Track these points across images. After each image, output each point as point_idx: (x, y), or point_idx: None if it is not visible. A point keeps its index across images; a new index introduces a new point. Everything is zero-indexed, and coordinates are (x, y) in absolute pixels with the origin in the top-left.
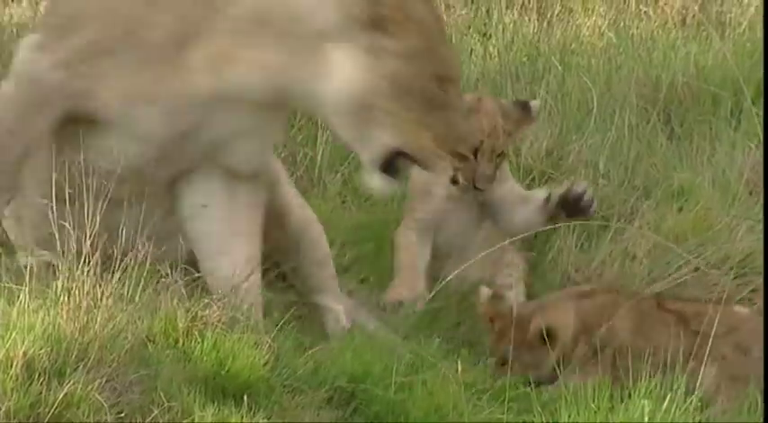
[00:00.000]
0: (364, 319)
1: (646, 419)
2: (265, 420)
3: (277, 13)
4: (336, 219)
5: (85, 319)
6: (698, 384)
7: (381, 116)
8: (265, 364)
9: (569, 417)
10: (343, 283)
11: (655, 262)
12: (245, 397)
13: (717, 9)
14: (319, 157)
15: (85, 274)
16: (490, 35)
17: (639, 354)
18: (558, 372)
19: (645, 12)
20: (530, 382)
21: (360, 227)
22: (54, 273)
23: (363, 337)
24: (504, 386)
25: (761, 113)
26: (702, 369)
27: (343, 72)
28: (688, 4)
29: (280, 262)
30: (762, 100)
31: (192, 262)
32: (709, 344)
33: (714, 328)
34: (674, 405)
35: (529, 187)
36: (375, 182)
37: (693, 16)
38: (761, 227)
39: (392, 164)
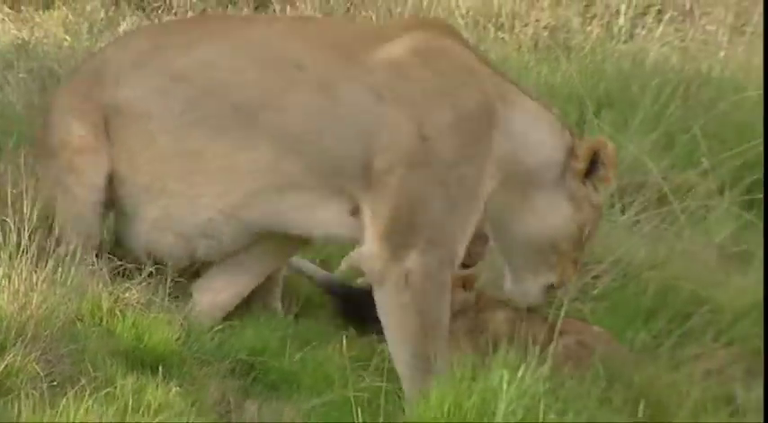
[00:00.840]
0: None
1: (504, 387)
2: (177, 388)
3: (515, 160)
4: None
5: (23, 300)
6: (547, 359)
7: (554, 257)
8: (177, 339)
9: (437, 384)
10: None
11: None
12: (161, 367)
13: (564, 35)
14: None
15: (23, 262)
16: None
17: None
18: None
19: (502, 37)
20: None
21: None
22: None
23: (263, 317)
24: (384, 358)
25: (602, 125)
26: (551, 347)
27: (546, 216)
28: (539, 32)
29: None
30: (598, 113)
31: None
32: (558, 331)
33: (566, 327)
34: (528, 372)
35: None
36: (533, 300)
37: (544, 42)
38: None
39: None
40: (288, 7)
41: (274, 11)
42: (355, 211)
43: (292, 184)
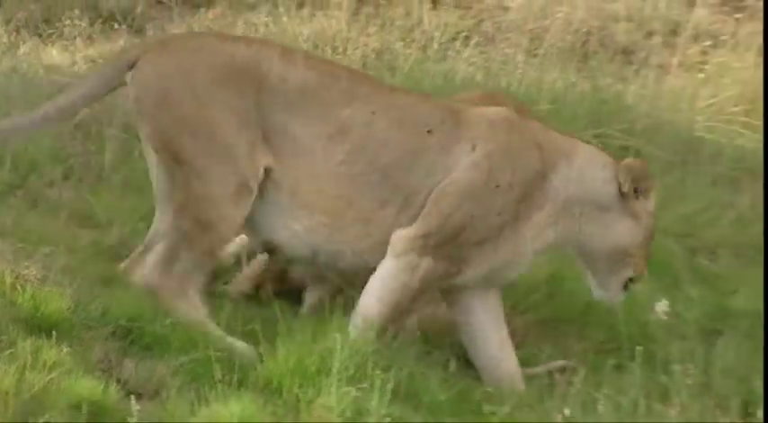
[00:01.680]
0: None
1: (339, 347)
2: (68, 349)
3: (581, 197)
4: (121, 206)
5: None
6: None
7: (628, 258)
8: (68, 308)
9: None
10: None
11: None
12: (54, 332)
13: (388, 57)
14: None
15: None
16: None
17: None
18: None
19: (337, 57)
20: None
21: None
22: None
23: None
24: (244, 323)
25: None
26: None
27: (615, 232)
28: (368, 53)
29: None
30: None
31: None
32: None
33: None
34: None
35: None
36: (617, 298)
37: (372, 62)
38: None
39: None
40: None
41: None
42: None
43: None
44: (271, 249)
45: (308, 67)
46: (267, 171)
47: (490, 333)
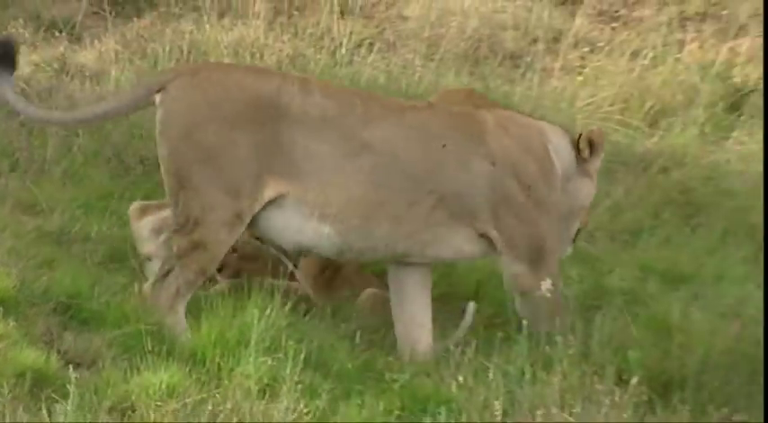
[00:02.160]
0: None
1: (256, 322)
2: (14, 323)
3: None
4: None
5: None
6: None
7: (582, 213)
8: (14, 287)
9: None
10: None
11: None
12: (1, 308)
13: (301, 61)
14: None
15: None
16: None
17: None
18: None
19: (255, 63)
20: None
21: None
22: None
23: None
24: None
25: None
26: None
27: (577, 192)
28: (282, 59)
29: None
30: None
31: None
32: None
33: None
34: (274, 311)
35: None
36: (569, 251)
37: (286, 66)
38: None
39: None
40: None
41: None
42: (482, 235)
43: (437, 224)
44: (299, 250)
45: (325, 96)
46: (281, 196)
47: (416, 301)
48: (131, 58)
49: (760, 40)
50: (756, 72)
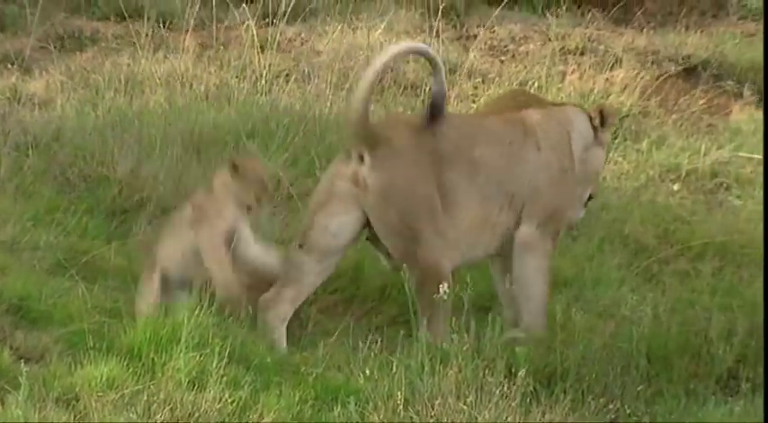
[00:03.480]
0: None
1: (186, 321)
2: None
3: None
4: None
5: None
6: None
7: (595, 179)
8: None
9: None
10: None
11: None
12: None
13: (226, 90)
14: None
15: None
16: None
17: None
18: None
19: (186, 92)
20: None
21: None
22: None
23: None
24: (115, 301)
25: (251, 149)
26: None
27: (593, 160)
28: (209, 87)
29: None
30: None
31: None
32: None
33: None
34: (202, 312)
35: None
36: (581, 215)
37: (213, 93)
38: None
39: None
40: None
41: None
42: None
43: (509, 221)
44: None
45: (451, 128)
46: None
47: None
48: (75, 88)
49: (633, 72)
50: (630, 100)
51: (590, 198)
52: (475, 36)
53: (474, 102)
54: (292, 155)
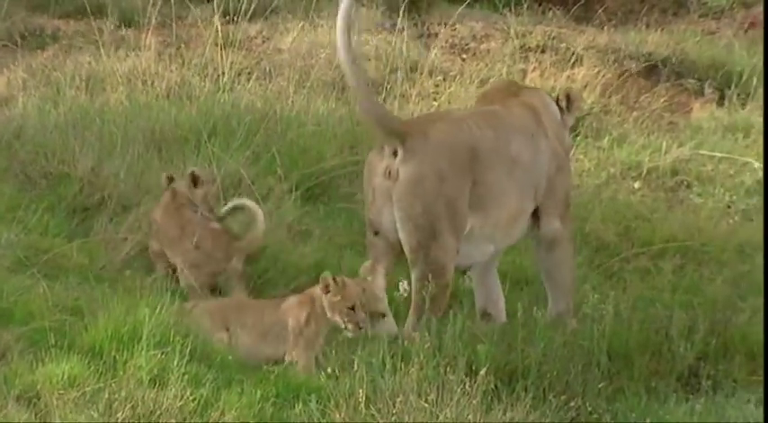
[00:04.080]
0: None
1: (147, 319)
2: None
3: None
4: None
5: None
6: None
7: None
8: None
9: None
10: None
11: None
12: None
13: (187, 88)
14: None
15: None
16: None
17: None
18: None
19: (146, 90)
20: None
21: None
22: None
23: None
24: (75, 299)
25: (212, 147)
26: None
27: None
28: (171, 85)
29: None
30: None
31: None
32: None
33: None
34: (164, 310)
35: None
36: None
37: (175, 92)
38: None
39: None
40: None
41: None
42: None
43: (529, 209)
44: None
45: (489, 128)
46: (470, 229)
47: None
48: (37, 86)
49: (594, 70)
50: (591, 97)
51: None
52: (436, 34)
53: (435, 99)
54: (254, 152)
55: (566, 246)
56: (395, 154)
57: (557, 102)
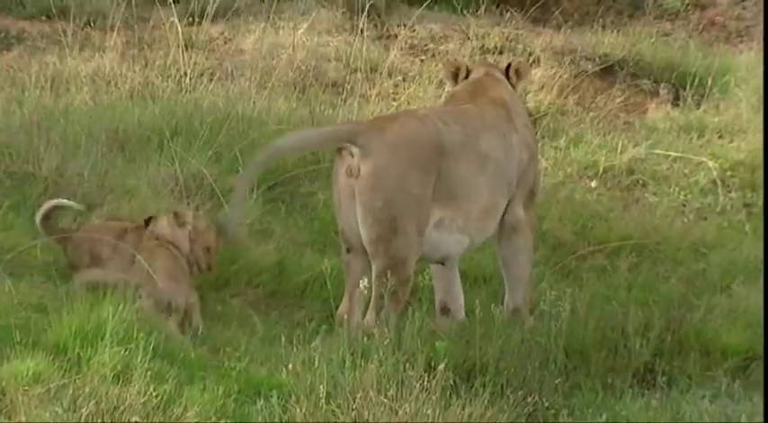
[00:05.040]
0: None
1: (111, 316)
2: None
3: None
4: None
5: None
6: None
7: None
8: None
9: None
10: None
11: None
12: None
13: (150, 89)
14: None
15: None
16: None
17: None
18: None
19: (111, 91)
20: None
21: None
22: None
23: None
24: (41, 297)
25: (175, 147)
26: None
27: None
28: (135, 85)
29: None
30: None
31: None
32: None
33: None
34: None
35: None
36: None
37: (139, 92)
38: None
39: None
40: None
41: None
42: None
43: (502, 205)
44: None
45: (457, 123)
46: (440, 221)
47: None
48: (1, 86)
49: (551, 71)
50: (548, 98)
51: None
52: (396, 35)
53: (395, 99)
54: (216, 152)
55: (526, 234)
56: (352, 154)
57: (507, 77)
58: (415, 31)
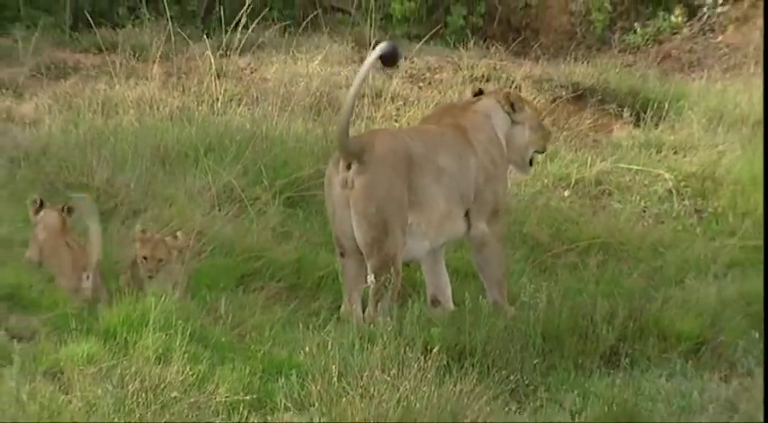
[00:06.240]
0: None
1: (153, 306)
2: None
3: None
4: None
5: None
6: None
7: (528, 145)
8: None
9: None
10: None
11: None
12: None
13: (187, 112)
14: None
15: None
16: None
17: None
18: None
19: (151, 113)
20: None
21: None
22: None
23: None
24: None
25: (208, 161)
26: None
27: (515, 138)
28: (174, 109)
29: None
30: None
31: None
32: None
33: None
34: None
35: None
36: (530, 172)
37: (176, 115)
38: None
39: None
40: None
41: None
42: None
43: (460, 214)
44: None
45: (420, 140)
46: (410, 225)
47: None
48: (60, 110)
49: (530, 96)
50: None
51: (536, 151)
52: (398, 66)
53: (396, 121)
54: (243, 166)
55: (493, 246)
56: (348, 167)
57: (501, 106)
58: (414, 62)
